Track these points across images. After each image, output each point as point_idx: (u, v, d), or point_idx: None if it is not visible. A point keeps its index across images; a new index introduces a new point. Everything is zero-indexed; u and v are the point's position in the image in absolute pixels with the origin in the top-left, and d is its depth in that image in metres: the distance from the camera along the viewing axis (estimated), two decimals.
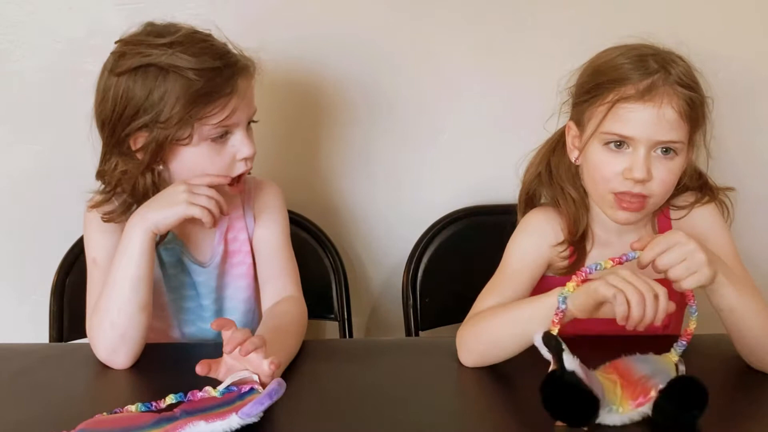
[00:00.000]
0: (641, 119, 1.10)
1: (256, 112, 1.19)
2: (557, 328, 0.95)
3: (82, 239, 1.37)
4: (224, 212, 1.14)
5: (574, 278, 0.96)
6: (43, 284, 1.41)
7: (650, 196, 1.13)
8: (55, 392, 1.04)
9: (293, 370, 1.08)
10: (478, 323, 1.11)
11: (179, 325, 1.27)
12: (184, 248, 1.24)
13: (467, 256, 1.46)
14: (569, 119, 1.22)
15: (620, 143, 1.12)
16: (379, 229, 1.60)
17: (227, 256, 1.26)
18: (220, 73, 1.10)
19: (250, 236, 1.26)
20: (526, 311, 1.05)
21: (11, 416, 0.98)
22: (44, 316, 1.40)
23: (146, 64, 1.10)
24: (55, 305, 1.40)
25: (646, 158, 1.11)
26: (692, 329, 0.99)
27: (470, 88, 1.52)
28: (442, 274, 1.48)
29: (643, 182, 1.11)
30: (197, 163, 1.14)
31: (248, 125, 1.18)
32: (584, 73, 1.20)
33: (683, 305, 1.27)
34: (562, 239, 1.20)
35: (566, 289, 0.96)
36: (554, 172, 1.25)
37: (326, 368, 1.10)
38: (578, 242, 1.20)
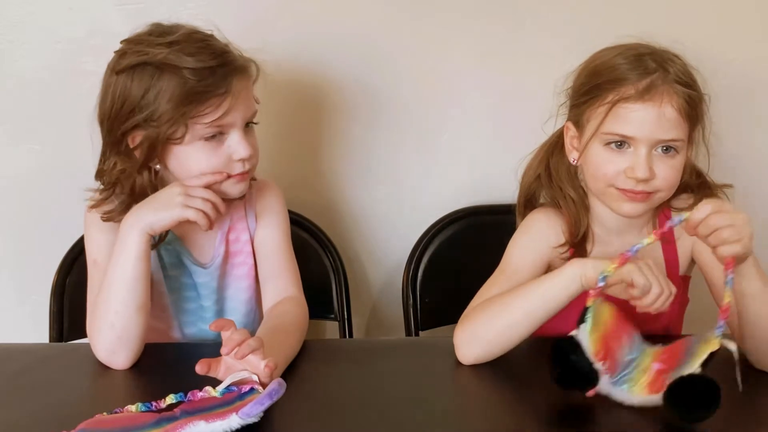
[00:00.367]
0: (642, 119, 1.10)
1: (255, 113, 1.18)
2: (593, 300, 0.97)
3: (82, 239, 1.37)
4: (221, 212, 1.14)
5: (616, 259, 0.98)
6: (43, 284, 1.41)
7: (654, 192, 1.13)
8: (55, 392, 1.04)
9: (293, 370, 1.08)
10: (485, 311, 1.10)
11: (180, 326, 1.27)
12: (185, 249, 1.24)
13: (467, 256, 1.46)
14: (567, 120, 1.22)
15: (621, 143, 1.13)
16: (379, 229, 1.60)
17: (228, 256, 1.26)
18: (214, 72, 1.10)
19: (251, 237, 1.26)
20: (539, 288, 1.07)
21: (11, 416, 0.98)
22: (44, 316, 1.40)
23: (143, 62, 1.10)
24: (55, 305, 1.40)
25: (647, 157, 1.11)
26: (727, 303, 0.95)
27: (470, 88, 1.52)
28: (442, 274, 1.48)
29: (645, 181, 1.11)
30: (192, 162, 1.13)
31: (248, 126, 1.17)
32: (581, 74, 1.20)
33: (684, 307, 1.28)
34: (563, 240, 1.20)
35: (607, 268, 0.98)
36: (553, 173, 1.25)
37: (326, 368, 1.09)
38: (579, 243, 1.20)
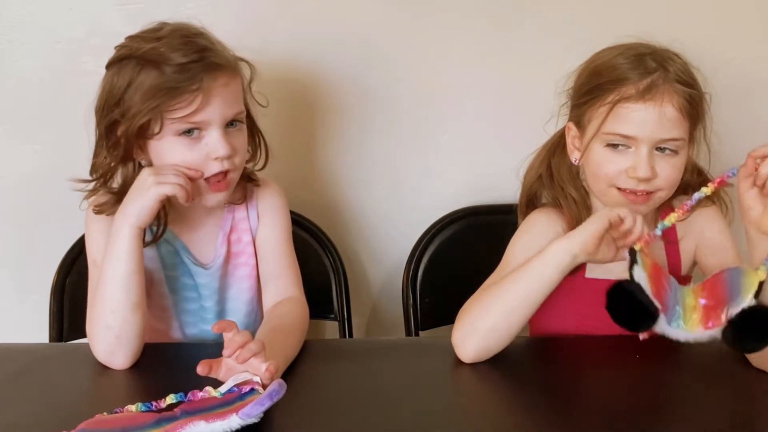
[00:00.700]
0: (643, 118, 1.10)
1: (239, 113, 1.16)
2: (640, 245, 0.99)
3: (82, 239, 1.38)
4: (194, 177, 1.12)
5: (676, 212, 1.01)
6: (43, 284, 1.41)
7: (656, 191, 1.13)
8: (55, 392, 1.04)
9: (293, 370, 1.08)
10: (479, 302, 1.11)
11: (181, 326, 1.26)
12: (186, 250, 1.24)
13: (467, 256, 1.46)
14: (568, 120, 1.22)
15: (623, 143, 1.13)
16: (379, 229, 1.60)
17: (230, 257, 1.26)
18: (187, 68, 1.09)
19: (254, 237, 1.26)
20: (530, 270, 1.09)
21: (11, 416, 0.98)
22: (44, 316, 1.40)
23: (127, 56, 1.11)
24: (55, 305, 1.40)
25: (649, 157, 1.11)
26: None
27: (470, 88, 1.52)
28: (442, 274, 1.48)
29: (647, 180, 1.11)
30: (169, 158, 1.12)
31: (233, 126, 1.15)
32: (582, 74, 1.20)
33: None
34: None
35: (668, 218, 1.00)
36: (555, 173, 1.25)
37: (326, 368, 1.09)
38: None
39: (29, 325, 1.45)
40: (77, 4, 1.46)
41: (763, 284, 0.93)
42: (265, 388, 0.92)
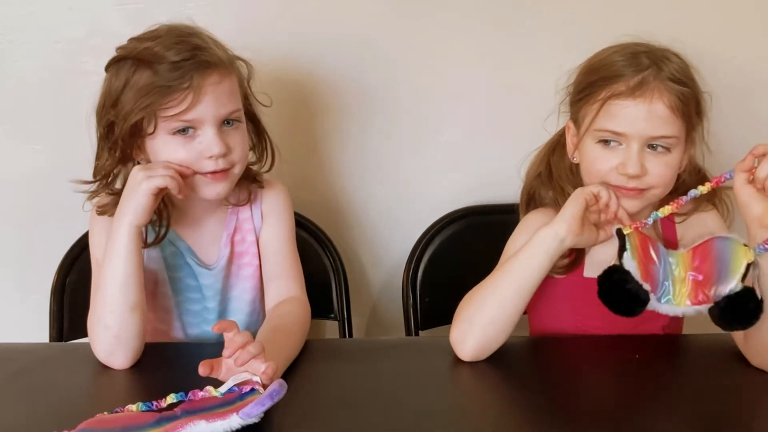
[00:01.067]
0: (632, 115, 1.10)
1: (236, 112, 1.16)
2: (630, 228, 1.02)
3: (81, 239, 1.38)
4: (185, 174, 1.12)
5: (671, 205, 1.04)
6: (43, 284, 1.41)
7: (647, 189, 1.13)
8: (55, 392, 1.04)
9: (293, 369, 1.08)
10: (474, 297, 1.12)
11: (183, 327, 1.26)
12: (189, 250, 1.24)
13: (467, 256, 1.46)
14: (569, 119, 1.22)
15: (613, 140, 1.13)
16: (379, 229, 1.60)
17: (234, 257, 1.25)
18: (178, 67, 1.09)
19: (257, 237, 1.26)
20: (520, 259, 1.11)
21: (11, 416, 0.98)
22: (44, 315, 1.40)
23: (124, 57, 1.12)
24: (55, 305, 1.40)
25: (639, 154, 1.11)
26: None
27: (470, 87, 1.52)
28: (442, 274, 1.48)
29: (637, 177, 1.11)
30: (164, 156, 1.12)
31: (230, 125, 1.15)
32: (580, 72, 1.20)
33: None
34: None
35: (662, 210, 1.04)
36: (554, 172, 1.25)
37: (326, 368, 1.10)
38: None
39: (29, 324, 1.45)
40: (77, 4, 1.46)
41: (750, 266, 0.97)
42: (265, 388, 0.92)
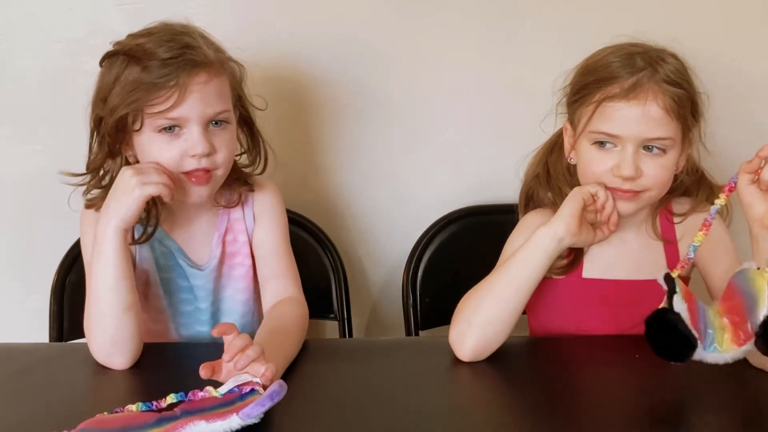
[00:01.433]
0: (626, 117, 1.10)
1: (224, 113, 1.15)
2: (678, 271, 0.98)
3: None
4: (171, 186, 1.11)
5: (701, 230, 1.00)
6: (44, 284, 1.41)
7: (643, 191, 1.13)
8: (55, 392, 1.05)
9: (293, 369, 1.08)
10: (472, 297, 1.12)
11: (176, 328, 1.26)
12: (180, 251, 1.23)
13: (467, 256, 1.46)
14: (566, 120, 1.22)
15: (608, 141, 1.13)
16: (379, 229, 1.60)
17: (225, 258, 1.25)
18: (166, 64, 1.09)
19: (249, 238, 1.26)
20: (518, 259, 1.11)
21: (11, 416, 0.98)
22: (44, 316, 1.40)
23: (116, 51, 1.12)
24: (55, 305, 1.40)
25: (633, 156, 1.11)
26: None
27: (470, 88, 1.52)
28: (442, 274, 1.48)
29: (632, 179, 1.11)
30: (149, 152, 1.12)
31: (217, 125, 1.14)
32: (576, 73, 1.20)
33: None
34: None
35: (696, 237, 1.00)
36: (552, 173, 1.25)
37: (326, 368, 1.10)
38: None
39: (29, 325, 1.45)
40: (77, 4, 1.46)
41: None
42: (265, 389, 0.92)
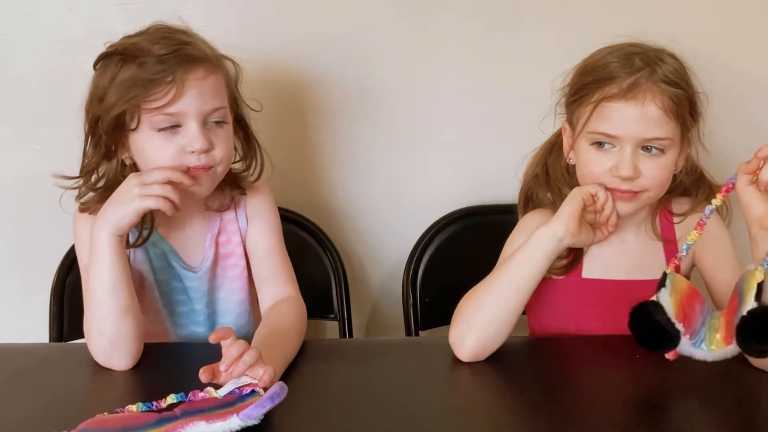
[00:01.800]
0: (625, 117, 1.10)
1: (221, 111, 1.15)
2: (671, 267, 1.00)
3: None
4: (187, 183, 1.11)
5: (695, 229, 1.02)
6: (43, 284, 1.41)
7: (641, 191, 1.13)
8: (55, 392, 1.04)
9: (293, 369, 1.08)
10: (472, 298, 1.12)
11: (173, 329, 1.26)
12: (174, 253, 1.23)
13: (467, 256, 1.46)
14: (565, 120, 1.22)
15: (607, 142, 1.13)
16: (379, 229, 1.60)
17: (219, 259, 1.25)
18: (163, 60, 1.09)
19: (243, 238, 1.25)
20: (518, 259, 1.11)
21: (11, 416, 0.98)
22: (44, 316, 1.40)
23: (111, 53, 1.12)
24: (55, 305, 1.40)
25: (632, 156, 1.11)
26: None
27: (470, 87, 1.52)
28: (442, 274, 1.48)
29: (630, 179, 1.11)
30: (148, 152, 1.12)
31: (214, 123, 1.14)
32: (575, 73, 1.20)
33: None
34: None
35: (690, 237, 1.02)
36: (551, 173, 1.25)
37: (326, 368, 1.10)
38: None
39: (29, 325, 1.45)
40: (77, 4, 1.46)
41: (762, 285, 0.92)
42: (265, 390, 0.92)
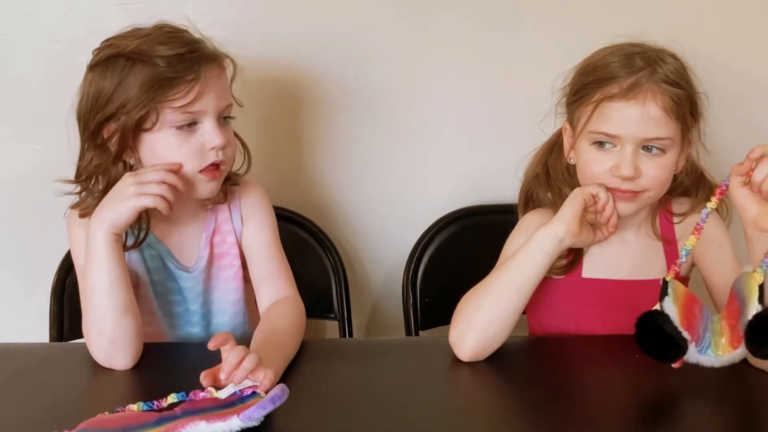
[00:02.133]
0: (625, 117, 1.10)
1: (230, 106, 1.17)
2: (671, 274, 0.99)
3: None
4: (180, 188, 1.11)
5: (693, 234, 1.01)
6: (43, 284, 1.41)
7: (642, 191, 1.13)
8: (55, 392, 1.05)
9: (293, 369, 1.08)
10: (472, 298, 1.12)
11: (168, 329, 1.26)
12: (168, 253, 1.23)
13: (467, 256, 1.46)
14: (565, 120, 1.22)
15: (608, 142, 1.13)
16: (379, 229, 1.60)
17: (213, 259, 1.25)
18: (183, 58, 1.10)
19: (238, 238, 1.25)
20: (518, 259, 1.11)
21: (12, 416, 0.98)
22: (45, 316, 1.40)
23: (115, 54, 1.11)
24: (55, 305, 1.40)
25: (633, 156, 1.11)
26: None
27: (470, 87, 1.52)
28: (442, 274, 1.48)
29: (631, 179, 1.11)
30: (164, 151, 1.12)
31: (224, 119, 1.16)
32: (575, 73, 1.20)
33: None
34: None
35: (687, 242, 1.01)
36: (551, 173, 1.25)
37: (326, 368, 1.10)
38: None
39: (29, 325, 1.45)
40: (77, 4, 1.46)
41: (763, 287, 0.93)
42: (266, 392, 0.92)
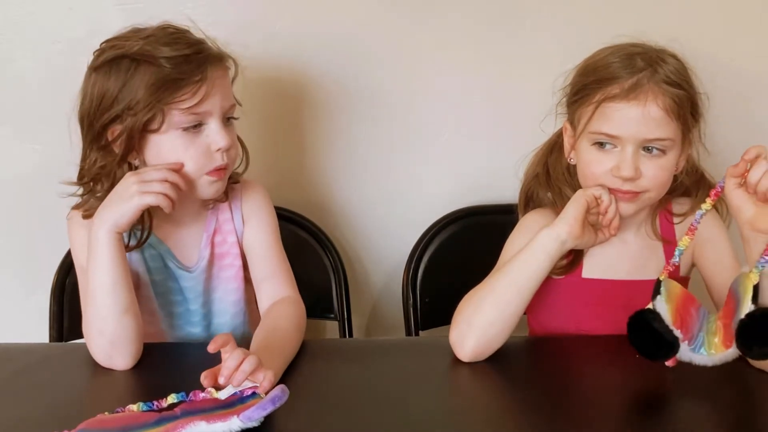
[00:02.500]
0: (626, 118, 1.10)
1: (234, 106, 1.17)
2: (665, 274, 1.01)
3: None
4: (182, 188, 1.11)
5: (687, 234, 1.02)
6: (43, 284, 1.41)
7: (642, 192, 1.13)
8: (55, 392, 1.05)
9: (293, 369, 1.08)
10: (473, 298, 1.12)
11: (168, 329, 1.26)
12: (169, 253, 1.23)
13: (467, 256, 1.46)
14: (566, 120, 1.22)
15: (608, 142, 1.13)
16: (379, 229, 1.60)
17: (214, 259, 1.25)
18: (189, 59, 1.10)
19: (239, 238, 1.25)
20: (520, 260, 1.11)
21: (12, 416, 0.98)
22: (45, 316, 1.40)
23: (120, 55, 1.11)
24: (55, 305, 1.40)
25: (633, 156, 1.11)
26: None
27: (470, 87, 1.52)
28: (442, 274, 1.48)
29: (632, 180, 1.11)
30: (170, 152, 1.12)
31: (227, 120, 1.16)
32: (576, 73, 1.20)
33: None
34: None
35: (681, 243, 1.02)
36: (552, 173, 1.25)
37: (326, 368, 1.10)
38: None
39: (29, 325, 1.45)
40: (77, 4, 1.46)
41: (758, 287, 0.93)
42: (266, 394, 0.92)
